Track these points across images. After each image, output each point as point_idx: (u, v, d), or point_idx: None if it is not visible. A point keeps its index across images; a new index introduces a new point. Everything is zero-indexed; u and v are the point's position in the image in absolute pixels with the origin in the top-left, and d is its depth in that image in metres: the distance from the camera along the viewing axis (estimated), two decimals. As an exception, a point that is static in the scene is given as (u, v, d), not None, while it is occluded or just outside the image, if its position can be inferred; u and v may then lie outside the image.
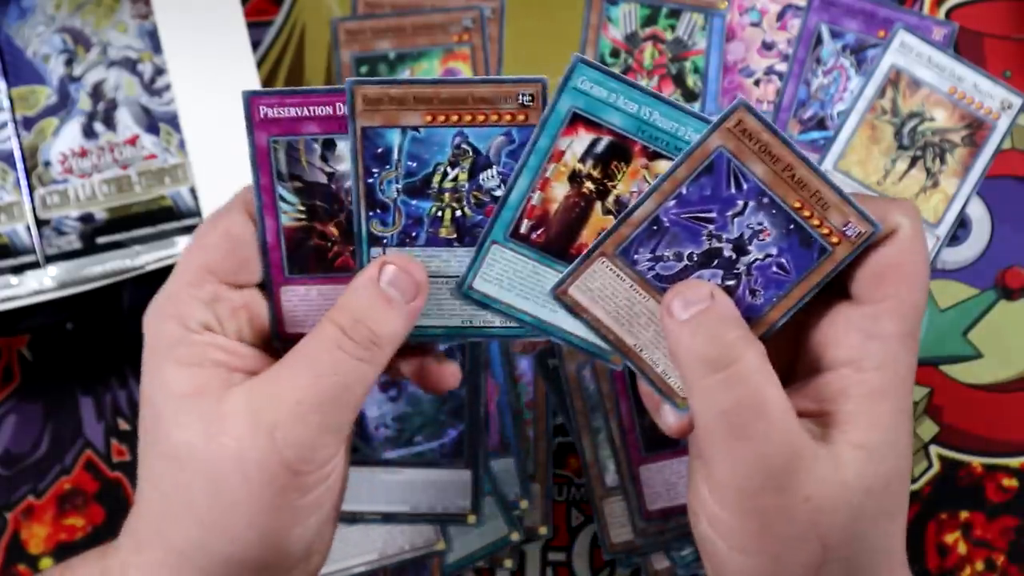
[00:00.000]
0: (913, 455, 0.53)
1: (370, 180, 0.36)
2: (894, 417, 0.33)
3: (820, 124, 0.54)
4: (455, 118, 0.36)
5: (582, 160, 0.36)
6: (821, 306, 0.35)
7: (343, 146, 0.36)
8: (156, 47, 0.50)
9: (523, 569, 0.53)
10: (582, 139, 0.36)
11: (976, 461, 0.53)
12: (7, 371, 0.54)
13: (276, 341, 0.38)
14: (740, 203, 0.34)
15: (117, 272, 0.49)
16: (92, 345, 0.54)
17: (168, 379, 0.35)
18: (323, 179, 0.37)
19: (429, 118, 0.36)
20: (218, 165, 0.49)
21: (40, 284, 0.49)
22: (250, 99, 0.36)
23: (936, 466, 0.53)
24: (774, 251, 0.35)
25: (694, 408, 0.33)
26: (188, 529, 0.34)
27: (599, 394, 0.50)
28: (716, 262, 0.35)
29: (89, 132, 0.50)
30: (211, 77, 0.49)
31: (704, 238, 0.35)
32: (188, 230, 0.50)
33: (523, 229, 0.36)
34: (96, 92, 0.50)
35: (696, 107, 0.54)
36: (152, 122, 0.50)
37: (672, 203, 0.35)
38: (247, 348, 0.36)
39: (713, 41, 0.54)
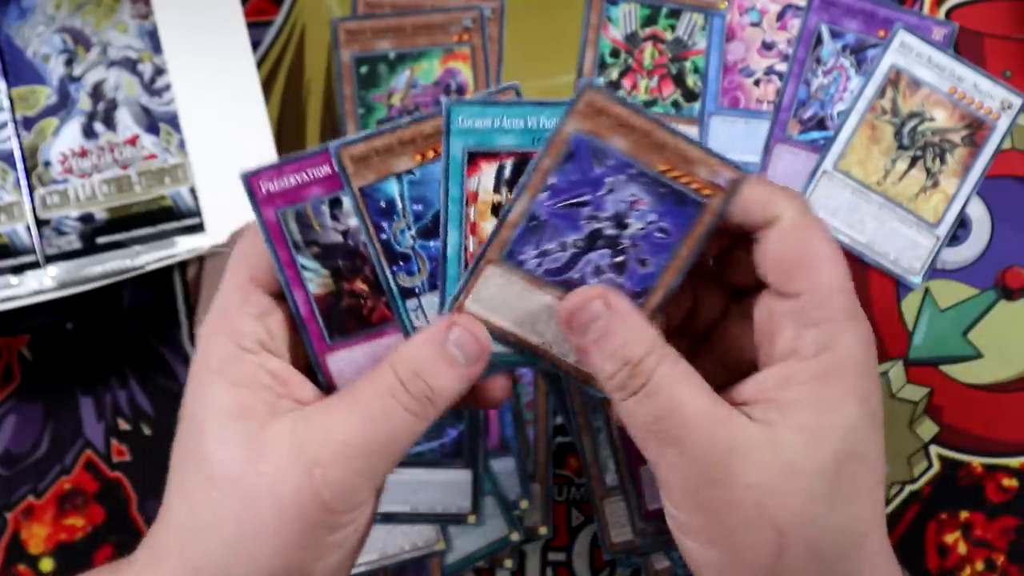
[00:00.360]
0: (913, 455, 0.53)
1: (384, 236, 0.36)
2: (842, 399, 0.33)
3: (820, 124, 0.54)
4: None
5: (496, 190, 0.36)
6: (754, 306, 0.36)
7: (348, 201, 0.36)
8: (156, 47, 0.50)
9: (523, 569, 0.53)
10: (487, 172, 0.36)
11: (976, 461, 0.53)
12: (7, 371, 0.54)
13: None
14: (609, 180, 0.35)
15: (117, 272, 0.49)
16: (92, 345, 0.54)
17: (215, 396, 0.35)
18: (339, 238, 0.37)
19: (419, 157, 0.36)
20: (218, 165, 0.49)
21: (40, 284, 0.49)
22: (249, 179, 0.36)
23: (936, 466, 0.53)
24: (653, 217, 0.35)
25: (623, 421, 0.34)
26: (212, 548, 0.34)
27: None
28: (600, 242, 0.35)
29: (89, 132, 0.50)
30: (211, 77, 0.49)
31: (583, 222, 0.35)
32: (188, 230, 0.50)
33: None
34: (96, 92, 0.50)
35: (696, 107, 0.54)
36: (152, 122, 0.50)
37: (544, 196, 0.35)
38: (298, 375, 0.36)
39: (713, 41, 0.54)
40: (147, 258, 0.49)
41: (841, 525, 0.33)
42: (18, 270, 0.49)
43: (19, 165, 0.50)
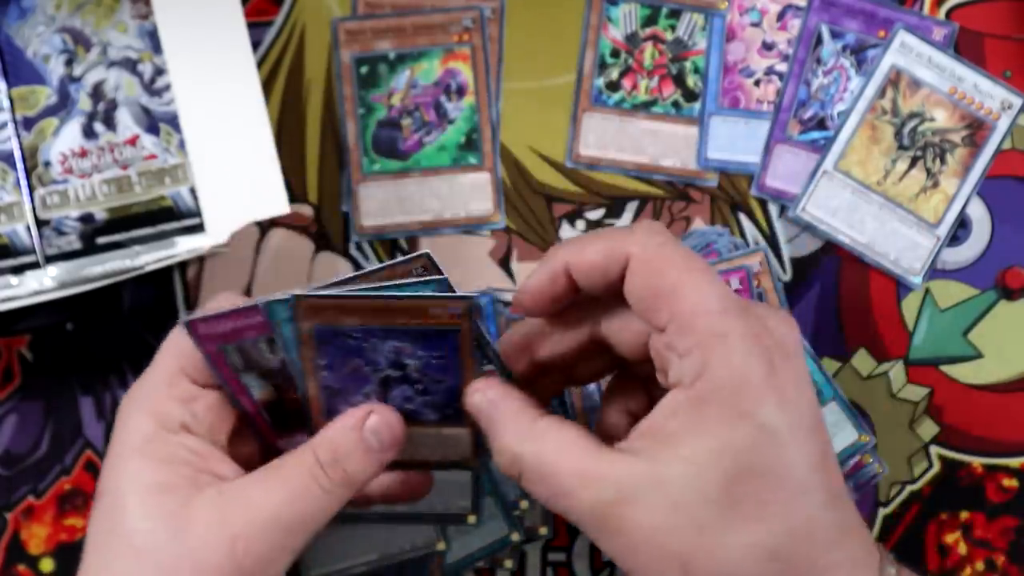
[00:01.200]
0: (913, 455, 0.53)
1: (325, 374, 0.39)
2: (720, 421, 0.32)
3: (820, 124, 0.54)
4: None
5: None
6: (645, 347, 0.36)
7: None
8: (156, 47, 0.50)
9: (523, 569, 0.53)
10: None
11: (976, 461, 0.53)
12: (7, 371, 0.54)
13: None
14: (366, 345, 0.37)
15: (117, 272, 0.49)
16: (92, 345, 0.54)
17: (137, 472, 0.37)
18: (278, 364, 0.39)
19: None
20: (218, 165, 0.49)
21: (40, 284, 0.49)
22: (190, 325, 0.38)
23: (936, 466, 0.53)
24: (422, 353, 0.37)
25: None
26: None
27: (599, 394, 0.50)
28: (394, 382, 0.38)
29: (89, 132, 0.50)
30: (211, 77, 0.49)
31: (371, 375, 0.38)
32: (188, 230, 0.50)
33: None
34: (96, 92, 0.50)
35: (696, 107, 0.54)
36: (152, 122, 0.50)
37: (324, 374, 0.38)
38: (217, 453, 0.39)
39: (713, 41, 0.54)
40: (147, 258, 0.49)
41: (750, 544, 0.32)
42: (18, 270, 0.49)
43: (19, 165, 0.50)
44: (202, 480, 0.37)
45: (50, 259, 0.49)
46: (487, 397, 0.37)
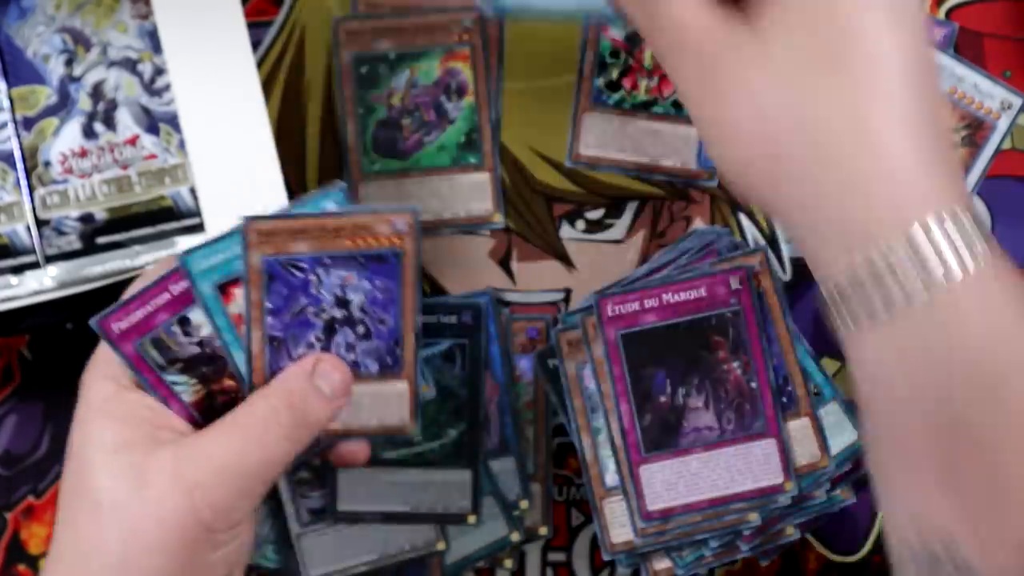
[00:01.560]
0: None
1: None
2: None
3: (820, 124, 0.54)
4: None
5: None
6: None
7: (196, 315, 0.40)
8: (156, 47, 0.50)
9: (523, 569, 0.53)
10: (239, 296, 0.40)
11: (976, 461, 0.53)
12: (7, 371, 0.54)
13: None
14: (313, 277, 0.39)
15: (117, 272, 0.49)
16: (92, 345, 0.54)
17: (99, 432, 0.38)
18: (196, 349, 0.40)
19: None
20: (218, 165, 0.49)
21: (40, 284, 0.49)
22: (100, 324, 0.40)
23: (936, 466, 0.53)
24: (367, 285, 0.39)
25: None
26: (99, 572, 0.36)
27: (599, 394, 0.50)
28: (337, 326, 0.40)
29: (89, 132, 0.50)
30: (211, 77, 0.49)
31: (315, 319, 0.39)
32: (188, 230, 0.50)
33: None
34: (96, 92, 0.50)
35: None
36: (152, 122, 0.50)
37: (269, 320, 0.39)
38: (170, 411, 0.40)
39: (713, 41, 0.54)
40: (147, 258, 0.49)
41: (833, 101, 0.32)
42: (18, 270, 0.49)
43: (19, 165, 0.50)
44: (162, 436, 0.38)
45: (50, 259, 0.49)
46: None
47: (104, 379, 0.40)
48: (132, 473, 0.37)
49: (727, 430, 0.49)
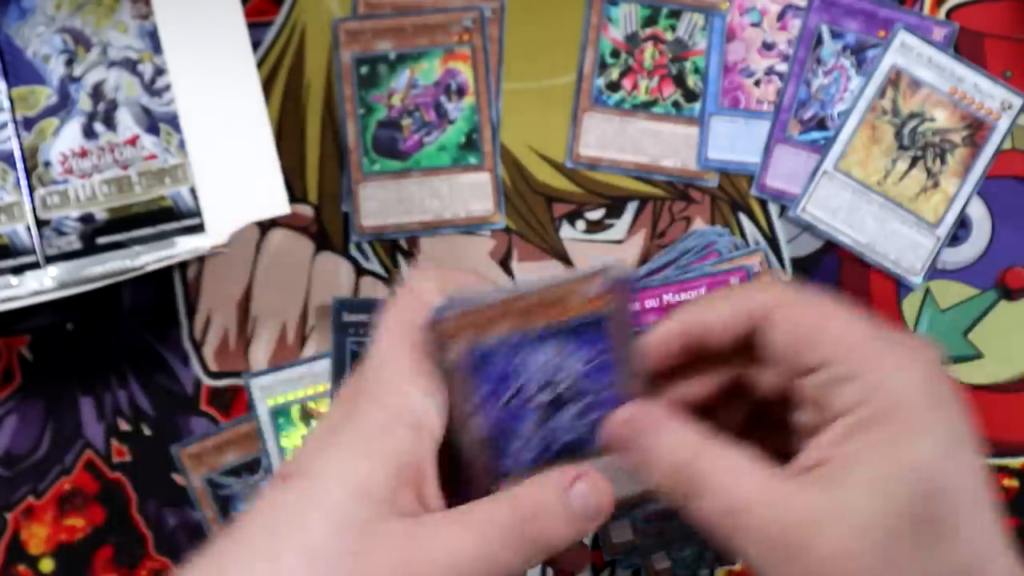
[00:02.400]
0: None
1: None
2: (904, 439, 0.32)
3: (820, 124, 0.54)
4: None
5: None
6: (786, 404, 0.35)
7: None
8: (156, 47, 0.50)
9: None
10: None
11: (976, 461, 0.53)
12: (7, 371, 0.54)
13: None
14: (516, 360, 0.35)
15: (117, 272, 0.49)
16: (92, 345, 0.54)
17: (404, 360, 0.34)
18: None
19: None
20: (218, 165, 0.49)
21: (40, 284, 0.49)
22: (436, 321, 0.35)
23: (936, 466, 0.53)
24: (573, 359, 0.35)
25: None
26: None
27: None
28: (558, 404, 0.36)
29: (89, 132, 0.50)
30: (211, 77, 0.49)
31: (532, 409, 0.36)
32: (188, 230, 0.50)
33: None
34: (96, 92, 0.50)
35: (696, 107, 0.54)
36: (152, 122, 0.50)
37: (480, 419, 0.35)
38: (432, 470, 0.35)
39: (713, 41, 0.54)
40: (147, 258, 0.49)
41: (938, 569, 0.32)
42: (18, 270, 0.49)
43: (19, 165, 0.50)
44: (402, 499, 0.34)
45: (50, 259, 0.49)
46: (647, 409, 0.35)
47: (418, 350, 0.35)
48: (358, 535, 0.32)
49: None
